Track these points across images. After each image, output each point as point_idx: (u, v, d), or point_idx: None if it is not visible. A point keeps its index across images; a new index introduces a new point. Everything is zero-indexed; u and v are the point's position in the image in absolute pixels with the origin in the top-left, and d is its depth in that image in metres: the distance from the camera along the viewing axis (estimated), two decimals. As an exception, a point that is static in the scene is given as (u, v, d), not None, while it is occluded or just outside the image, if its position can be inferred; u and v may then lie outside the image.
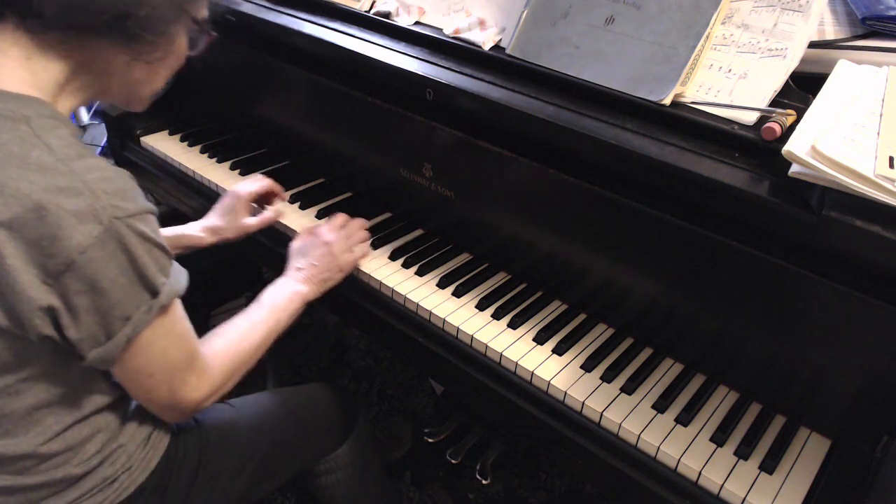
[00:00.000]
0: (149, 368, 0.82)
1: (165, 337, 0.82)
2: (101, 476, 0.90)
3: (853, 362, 0.86)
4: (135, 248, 0.74)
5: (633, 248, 1.02)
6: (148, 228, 0.76)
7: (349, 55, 1.23)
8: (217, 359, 0.91)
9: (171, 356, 0.83)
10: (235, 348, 0.95)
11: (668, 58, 0.97)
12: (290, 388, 1.25)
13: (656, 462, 0.91)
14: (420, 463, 1.72)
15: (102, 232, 0.71)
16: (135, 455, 0.93)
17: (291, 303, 1.06)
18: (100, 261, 0.72)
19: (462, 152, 1.15)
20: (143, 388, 0.85)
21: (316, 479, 1.24)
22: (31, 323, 0.72)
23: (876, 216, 0.76)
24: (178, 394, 0.86)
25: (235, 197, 1.24)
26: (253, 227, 1.25)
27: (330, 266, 1.13)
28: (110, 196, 0.72)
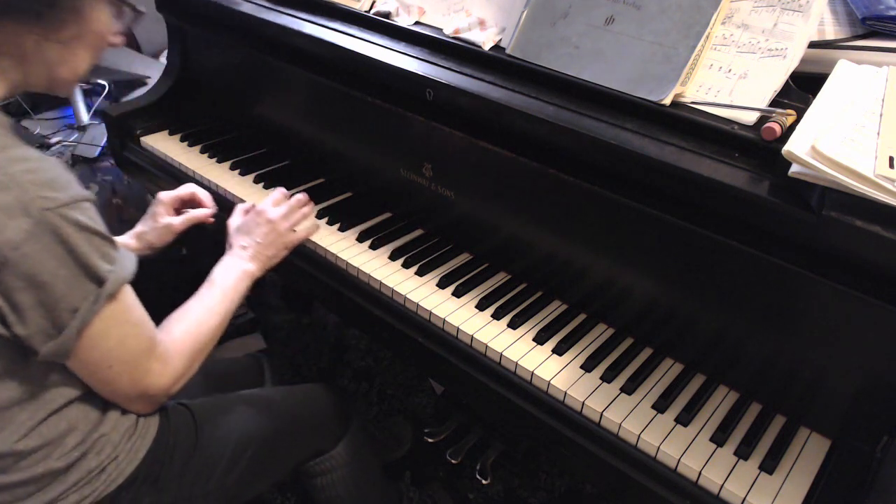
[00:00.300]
0: (106, 360, 0.82)
1: (119, 326, 0.81)
2: (85, 468, 0.89)
3: (853, 362, 0.86)
4: (71, 239, 0.72)
5: (633, 248, 1.02)
6: (83, 217, 0.74)
7: (349, 55, 1.23)
8: (177, 344, 0.91)
9: (128, 346, 0.83)
10: (195, 332, 0.95)
11: (668, 58, 0.97)
12: (285, 387, 1.26)
13: (656, 462, 0.91)
14: (420, 463, 1.72)
15: (34, 225, 0.70)
16: (120, 445, 0.92)
17: (241, 282, 1.07)
18: (36, 255, 0.71)
19: (462, 152, 1.15)
20: (103, 380, 0.84)
21: (312, 480, 1.24)
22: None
23: (876, 216, 0.76)
24: (143, 383, 0.86)
25: (157, 202, 1.22)
26: (177, 226, 1.21)
27: (275, 243, 1.13)
28: (39, 188, 0.71)
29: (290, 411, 1.18)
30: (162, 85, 1.68)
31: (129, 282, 0.81)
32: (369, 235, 1.26)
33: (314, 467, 1.23)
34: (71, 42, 0.80)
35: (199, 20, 1.54)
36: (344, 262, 1.21)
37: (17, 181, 0.70)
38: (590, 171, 1.01)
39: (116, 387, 0.86)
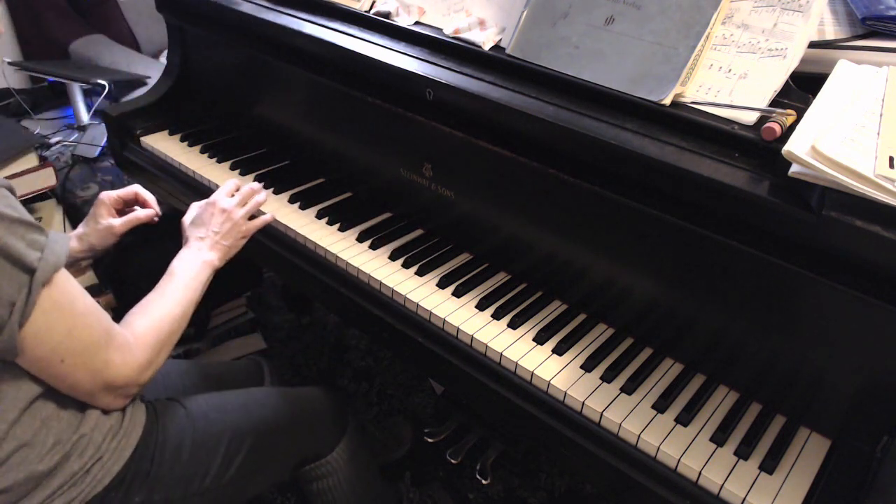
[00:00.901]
0: (57, 354, 0.79)
1: (64, 318, 0.78)
2: (69, 471, 0.88)
3: (853, 362, 0.86)
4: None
5: (634, 248, 1.02)
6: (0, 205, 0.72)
7: (349, 55, 1.23)
8: (140, 336, 0.90)
9: (78, 337, 0.80)
10: (158, 324, 0.93)
11: (668, 58, 0.97)
12: (283, 388, 1.25)
13: (656, 462, 0.91)
14: (420, 463, 1.72)
15: None
16: (104, 445, 0.91)
17: (202, 272, 1.05)
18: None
19: (462, 152, 1.15)
20: (59, 376, 0.82)
21: (309, 485, 1.24)
22: None
23: (876, 216, 0.76)
24: (103, 375, 0.84)
25: (98, 202, 1.19)
26: (118, 227, 1.19)
27: (231, 232, 1.12)
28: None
29: (287, 411, 1.17)
30: (162, 85, 1.68)
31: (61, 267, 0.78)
32: (369, 235, 1.26)
33: (310, 472, 1.22)
34: None
35: (199, 20, 1.54)
36: (344, 262, 1.21)
37: None
38: (590, 171, 1.01)
39: (75, 381, 0.83)
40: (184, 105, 1.67)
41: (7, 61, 2.37)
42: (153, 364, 0.92)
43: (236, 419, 1.09)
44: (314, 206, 1.35)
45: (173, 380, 1.24)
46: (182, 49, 1.64)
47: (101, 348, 0.83)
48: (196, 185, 1.47)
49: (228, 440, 1.06)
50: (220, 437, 1.05)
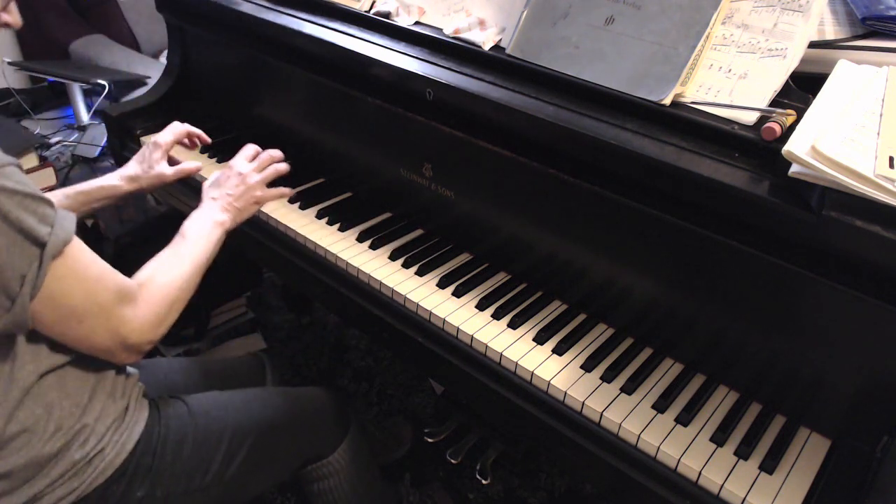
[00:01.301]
0: (76, 316, 0.81)
1: (78, 282, 0.80)
2: (69, 460, 0.88)
3: (853, 362, 0.86)
4: (3, 206, 0.72)
5: (633, 248, 1.02)
6: (11, 181, 0.73)
7: (349, 55, 1.23)
8: (151, 291, 0.90)
9: (94, 298, 0.82)
10: (168, 279, 0.94)
11: (668, 58, 0.97)
12: (285, 388, 1.25)
13: (656, 462, 0.91)
14: (420, 463, 1.72)
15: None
16: (106, 436, 0.92)
17: (213, 231, 1.06)
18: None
19: (462, 152, 1.15)
20: (80, 337, 0.83)
21: (311, 486, 1.24)
22: None
23: (876, 216, 0.76)
24: (121, 331, 0.86)
25: (153, 145, 1.21)
26: (169, 176, 1.21)
27: (244, 195, 1.13)
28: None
29: (289, 411, 1.17)
30: (162, 85, 1.68)
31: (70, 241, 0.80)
32: (369, 235, 1.26)
33: (311, 473, 1.22)
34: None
35: (199, 20, 1.54)
36: (344, 262, 1.21)
37: None
38: (590, 171, 1.01)
39: (95, 340, 0.85)
40: (184, 105, 1.67)
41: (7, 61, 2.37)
42: (166, 320, 0.92)
43: (238, 417, 1.09)
44: (314, 206, 1.35)
45: (175, 377, 1.24)
46: (182, 49, 1.64)
47: (116, 307, 0.85)
48: (196, 185, 1.46)
49: (230, 438, 1.06)
50: (222, 435, 1.06)
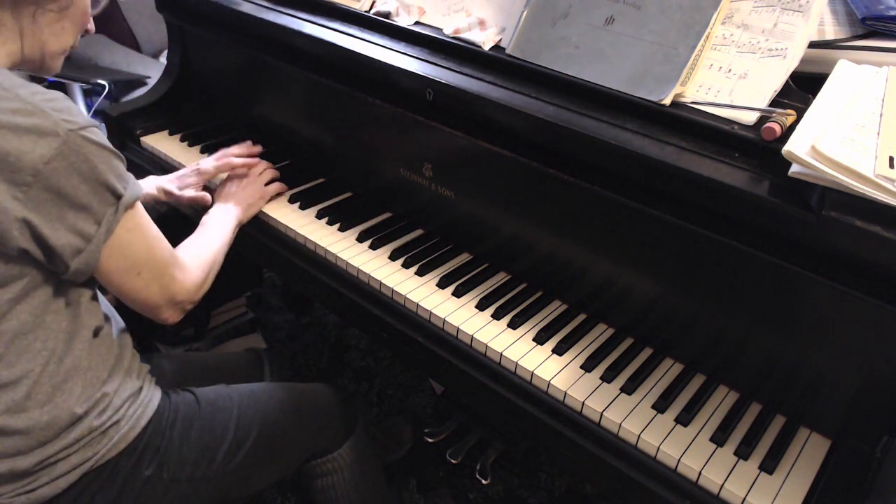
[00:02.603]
0: (135, 267, 0.91)
1: (142, 237, 0.91)
2: (87, 426, 0.92)
3: (853, 362, 0.86)
4: (93, 157, 0.81)
5: (633, 248, 1.02)
6: (99, 138, 0.83)
7: (349, 55, 1.23)
8: (191, 259, 1.04)
9: (153, 254, 0.93)
10: (205, 252, 1.09)
11: (668, 58, 0.97)
12: (291, 383, 1.25)
13: (656, 462, 0.91)
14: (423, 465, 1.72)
15: (62, 143, 0.78)
16: (122, 409, 0.96)
17: (229, 222, 1.21)
18: (63, 170, 0.79)
19: (462, 152, 1.15)
20: (135, 288, 0.93)
21: (314, 481, 1.24)
22: (10, 235, 0.79)
23: (876, 216, 0.76)
24: (171, 288, 0.97)
25: (198, 174, 1.34)
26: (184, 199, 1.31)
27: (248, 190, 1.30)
28: (59, 112, 0.79)
29: (295, 405, 1.18)
30: (162, 85, 1.68)
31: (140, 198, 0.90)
32: (369, 235, 1.26)
33: (316, 468, 1.23)
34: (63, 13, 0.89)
35: (199, 20, 1.54)
36: (344, 262, 1.21)
37: (42, 108, 0.78)
38: (590, 171, 1.01)
39: (147, 293, 0.95)
40: (184, 105, 1.67)
41: (7, 61, 2.37)
42: (205, 284, 1.06)
43: (244, 409, 1.11)
44: (314, 206, 1.35)
45: (173, 374, 1.24)
46: (182, 49, 1.64)
47: (169, 266, 0.97)
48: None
49: (235, 428, 1.08)
50: (227, 425, 1.07)
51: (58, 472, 0.91)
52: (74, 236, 0.82)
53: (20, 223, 0.78)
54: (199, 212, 1.27)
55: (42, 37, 0.89)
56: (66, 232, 0.82)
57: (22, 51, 0.88)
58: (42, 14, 0.87)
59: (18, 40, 0.87)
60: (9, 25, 0.85)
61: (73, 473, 0.92)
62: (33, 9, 0.86)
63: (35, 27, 0.87)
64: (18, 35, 0.87)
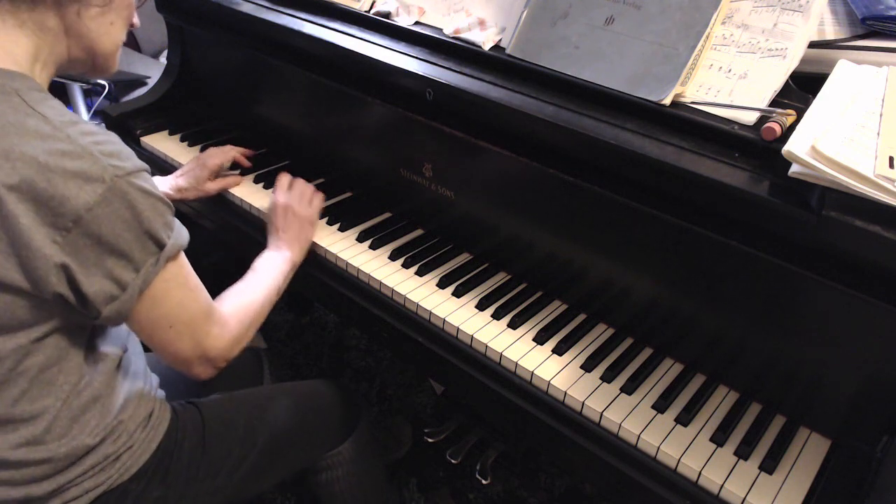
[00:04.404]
0: (167, 319, 0.87)
1: (179, 288, 0.87)
2: (102, 453, 0.91)
3: (853, 362, 0.86)
4: (139, 204, 0.78)
5: (634, 248, 1.02)
6: (147, 184, 0.80)
7: (349, 55, 1.23)
8: (231, 312, 0.98)
9: (188, 308, 0.89)
10: (247, 305, 1.02)
11: (668, 58, 0.97)
12: (292, 383, 1.25)
13: (656, 462, 0.91)
14: (423, 465, 1.72)
15: (106, 190, 0.75)
16: (135, 434, 0.95)
17: (282, 265, 1.15)
18: (105, 217, 0.76)
19: (462, 152, 1.15)
20: (166, 340, 0.89)
21: (317, 476, 1.24)
22: (47, 280, 0.75)
23: (876, 216, 0.76)
24: (204, 344, 0.92)
25: (203, 167, 1.34)
26: (211, 192, 1.35)
27: (301, 225, 1.23)
28: (108, 157, 0.76)
29: (298, 407, 1.18)
30: (162, 85, 1.68)
31: (183, 248, 0.87)
32: (369, 235, 1.26)
33: (320, 463, 1.23)
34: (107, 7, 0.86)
35: (199, 20, 1.54)
36: (344, 263, 1.21)
37: (90, 151, 0.75)
38: (590, 171, 1.01)
39: (178, 347, 0.90)
40: (183, 105, 1.67)
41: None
42: (243, 340, 1.00)
43: (249, 420, 1.10)
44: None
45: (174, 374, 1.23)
46: (182, 49, 1.64)
47: (204, 320, 0.92)
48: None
49: (241, 441, 1.07)
50: (233, 439, 1.07)
51: (70, 497, 0.90)
52: (110, 283, 0.79)
53: (58, 268, 0.75)
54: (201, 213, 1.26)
55: (91, 35, 0.85)
56: (102, 278, 0.78)
57: (69, 51, 0.85)
58: (86, 10, 0.84)
59: (64, 41, 0.84)
60: (52, 25, 0.82)
61: (85, 498, 0.91)
62: (77, 6, 0.83)
63: (81, 25, 0.84)
64: (64, 35, 0.84)
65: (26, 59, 0.81)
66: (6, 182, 0.72)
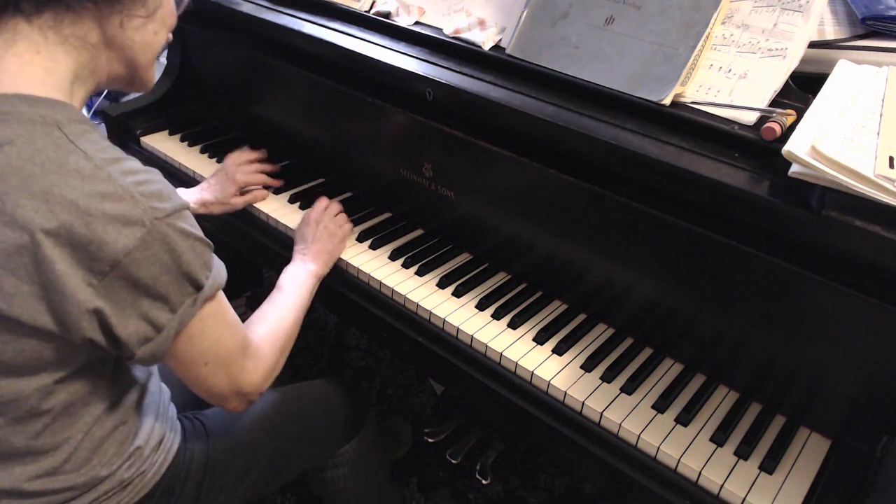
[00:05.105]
0: (202, 357, 0.85)
1: (215, 326, 0.84)
2: (117, 479, 0.90)
3: (853, 362, 0.86)
4: (178, 246, 0.76)
5: (633, 248, 1.02)
6: (187, 224, 0.77)
7: (349, 55, 1.23)
8: (264, 342, 0.96)
9: (224, 344, 0.86)
10: (277, 329, 1.00)
11: (668, 58, 0.97)
12: (295, 385, 1.25)
13: (656, 462, 0.91)
14: (423, 465, 1.72)
15: (146, 233, 0.72)
16: (149, 459, 0.93)
17: (307, 281, 1.14)
18: (144, 261, 0.73)
19: (462, 152, 1.15)
20: (200, 377, 0.87)
21: (322, 473, 1.24)
22: (79, 326, 0.73)
23: (876, 216, 0.76)
24: (239, 380, 0.90)
25: (232, 182, 1.33)
26: (238, 206, 1.34)
27: (329, 237, 1.21)
28: (148, 198, 0.73)
29: (301, 413, 1.17)
30: (162, 85, 1.68)
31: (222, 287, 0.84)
32: (369, 235, 1.26)
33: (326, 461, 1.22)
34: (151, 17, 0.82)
35: (199, 20, 1.54)
36: (344, 263, 1.21)
37: (131, 193, 0.72)
38: (590, 171, 1.01)
39: (213, 383, 0.88)
40: (184, 105, 1.67)
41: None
42: (276, 369, 0.97)
43: (253, 433, 1.09)
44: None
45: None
46: (182, 49, 1.64)
47: (239, 356, 0.89)
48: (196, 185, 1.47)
49: (245, 455, 1.07)
50: (237, 453, 1.06)
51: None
52: (145, 325, 0.77)
53: (90, 314, 0.73)
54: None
55: (134, 47, 0.81)
56: (137, 319, 0.76)
57: (109, 67, 0.82)
58: (129, 20, 0.79)
59: (104, 56, 0.80)
60: (93, 39, 0.78)
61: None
62: (119, 17, 0.78)
63: (124, 37, 0.80)
64: (104, 49, 0.79)
65: (66, 80, 0.77)
66: (44, 226, 0.69)
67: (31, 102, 0.73)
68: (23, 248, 0.70)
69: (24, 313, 0.72)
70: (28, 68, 0.74)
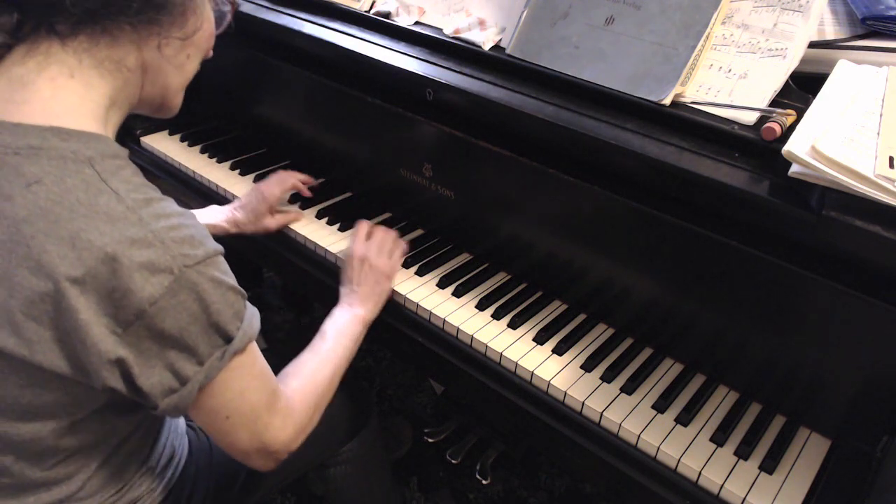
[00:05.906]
0: (224, 410, 0.79)
1: (241, 378, 0.79)
2: (129, 498, 0.88)
3: (853, 362, 0.86)
4: (208, 295, 0.72)
5: (633, 248, 1.02)
6: (219, 272, 0.73)
7: (349, 55, 1.23)
8: (297, 397, 0.89)
9: (248, 398, 0.80)
10: (312, 383, 0.93)
11: (668, 58, 0.97)
12: None
13: (656, 462, 0.91)
14: (423, 465, 1.72)
15: (173, 281, 0.69)
16: (157, 477, 0.92)
17: (353, 327, 1.06)
18: (171, 310, 0.69)
19: (462, 152, 1.15)
20: (221, 430, 0.81)
21: (324, 470, 1.24)
22: (99, 375, 0.70)
23: (876, 216, 0.76)
24: (263, 437, 0.83)
25: (263, 200, 1.26)
26: (272, 227, 1.27)
27: (377, 279, 1.12)
28: (179, 244, 0.69)
29: None
30: (162, 85, 1.67)
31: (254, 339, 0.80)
32: (369, 235, 1.26)
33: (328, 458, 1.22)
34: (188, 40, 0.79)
35: (199, 20, 1.53)
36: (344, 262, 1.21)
37: (162, 239, 0.68)
38: (590, 171, 1.01)
39: (234, 438, 0.82)
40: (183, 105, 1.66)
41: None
42: (307, 429, 0.90)
43: None
44: (314, 206, 1.35)
45: None
46: (182, 49, 1.64)
47: (265, 411, 0.82)
48: (196, 185, 1.47)
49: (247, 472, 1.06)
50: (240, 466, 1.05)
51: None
52: (170, 376, 0.72)
53: (112, 364, 0.69)
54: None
55: (169, 71, 0.79)
56: (162, 370, 0.72)
57: (142, 92, 0.78)
58: (167, 43, 0.76)
59: (139, 79, 0.77)
60: (130, 63, 0.74)
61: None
62: (157, 39, 0.75)
63: (161, 60, 0.77)
64: (140, 73, 0.76)
65: (102, 106, 0.74)
66: (70, 274, 0.65)
67: (64, 136, 0.69)
68: (46, 295, 0.66)
69: (45, 360, 0.69)
70: (61, 94, 0.71)
